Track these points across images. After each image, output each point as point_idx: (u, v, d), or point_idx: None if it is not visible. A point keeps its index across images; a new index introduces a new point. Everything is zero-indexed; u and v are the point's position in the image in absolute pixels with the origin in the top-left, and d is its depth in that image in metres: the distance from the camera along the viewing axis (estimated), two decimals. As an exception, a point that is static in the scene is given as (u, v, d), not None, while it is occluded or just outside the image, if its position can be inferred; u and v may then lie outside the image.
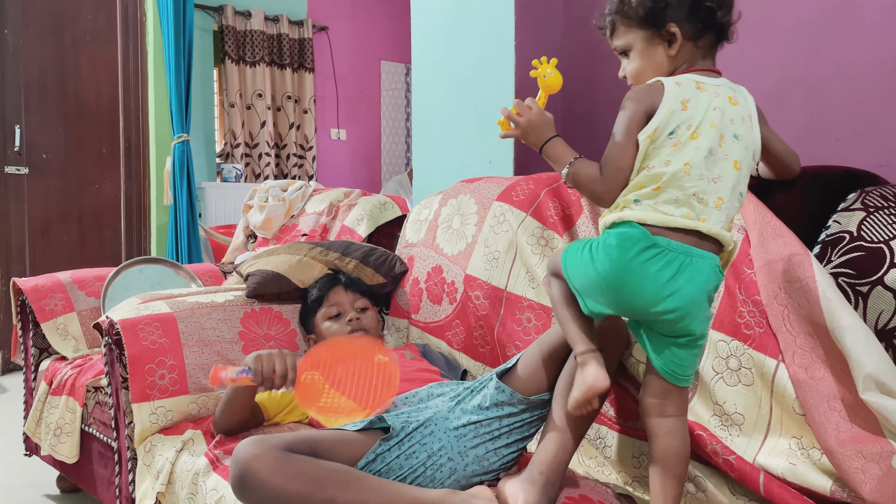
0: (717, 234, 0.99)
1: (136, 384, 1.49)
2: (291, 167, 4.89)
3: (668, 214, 0.99)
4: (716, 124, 1.00)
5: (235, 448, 1.06)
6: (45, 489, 2.29)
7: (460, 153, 2.15)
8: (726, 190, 1.00)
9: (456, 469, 1.16)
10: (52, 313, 2.15)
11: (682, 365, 1.03)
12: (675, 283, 0.97)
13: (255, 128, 4.71)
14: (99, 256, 4.05)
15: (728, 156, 1.01)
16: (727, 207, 1.00)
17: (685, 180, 0.99)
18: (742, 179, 1.03)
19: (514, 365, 1.27)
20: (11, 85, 3.81)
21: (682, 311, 0.98)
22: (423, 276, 1.80)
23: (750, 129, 1.04)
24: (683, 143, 1.00)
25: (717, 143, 1.00)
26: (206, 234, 3.65)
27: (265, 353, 1.26)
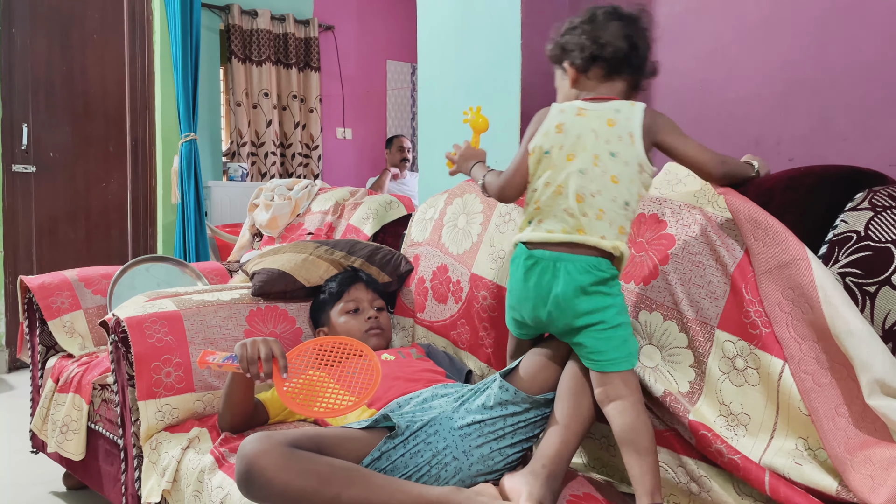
0: (594, 244, 1.15)
1: (142, 382, 1.50)
2: (297, 166, 4.90)
3: (548, 231, 1.18)
4: (587, 147, 1.16)
5: (241, 444, 1.06)
6: (51, 486, 2.29)
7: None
8: (606, 202, 1.15)
9: (461, 468, 1.16)
10: (59, 311, 2.16)
11: (595, 352, 1.15)
12: (551, 286, 1.16)
13: (262, 127, 4.72)
14: (106, 255, 4.07)
15: (606, 172, 1.15)
16: (609, 217, 1.15)
17: (559, 200, 1.17)
18: (624, 191, 1.16)
19: (518, 365, 1.27)
20: (19, 83, 3.83)
21: (559, 308, 1.16)
22: (428, 275, 1.80)
23: (629, 145, 1.16)
24: (560, 166, 1.18)
25: (591, 163, 1.16)
26: (212, 233, 3.66)
27: (250, 341, 1.28)
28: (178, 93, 3.63)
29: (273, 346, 1.28)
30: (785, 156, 1.83)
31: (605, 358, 1.15)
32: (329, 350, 1.32)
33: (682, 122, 1.22)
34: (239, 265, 2.54)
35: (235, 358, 1.28)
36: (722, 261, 1.20)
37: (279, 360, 1.26)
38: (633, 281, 1.34)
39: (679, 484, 1.17)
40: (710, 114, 1.99)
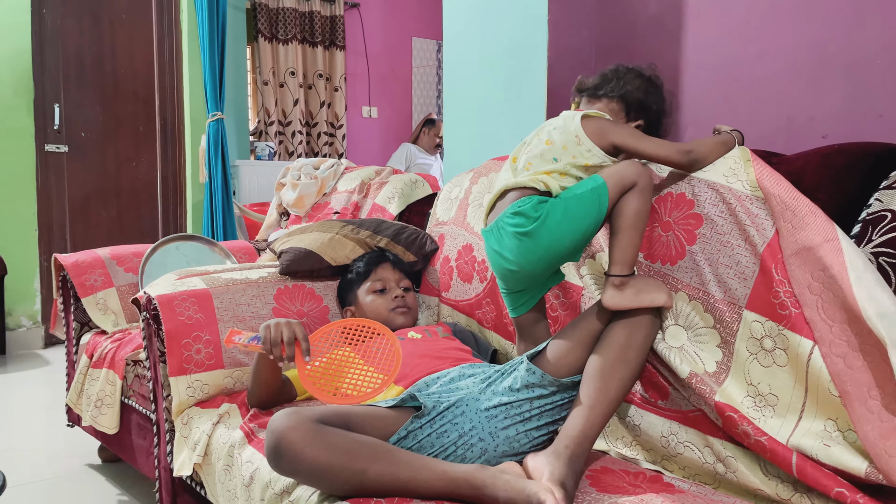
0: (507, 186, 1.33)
1: (173, 358, 1.53)
2: (322, 145, 4.91)
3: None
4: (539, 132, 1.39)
5: (270, 419, 1.08)
6: (86, 458, 2.36)
7: (492, 130, 2.13)
8: (535, 155, 1.35)
9: (487, 449, 1.17)
10: (93, 289, 2.21)
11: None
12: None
13: (288, 106, 4.74)
14: (137, 233, 4.14)
15: (543, 138, 1.36)
16: (538, 164, 1.34)
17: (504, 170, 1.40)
18: (558, 148, 1.33)
19: (545, 348, 1.27)
20: (51, 64, 3.88)
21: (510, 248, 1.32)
22: (453, 254, 1.80)
23: (567, 123, 1.35)
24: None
25: (534, 136, 1.39)
26: (240, 212, 3.70)
27: (273, 322, 1.29)
28: (206, 72, 3.65)
29: (296, 329, 1.28)
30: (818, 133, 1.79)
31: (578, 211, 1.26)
32: (351, 333, 1.33)
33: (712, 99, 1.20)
34: (266, 244, 2.57)
35: (260, 339, 1.29)
36: (751, 240, 1.19)
37: (301, 343, 1.27)
38: (660, 261, 1.33)
39: (705, 464, 1.17)
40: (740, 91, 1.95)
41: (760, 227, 1.18)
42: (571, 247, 1.28)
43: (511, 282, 1.36)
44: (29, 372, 3.49)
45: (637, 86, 1.44)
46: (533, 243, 1.26)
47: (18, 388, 3.25)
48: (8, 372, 3.48)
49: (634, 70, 1.46)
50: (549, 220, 1.25)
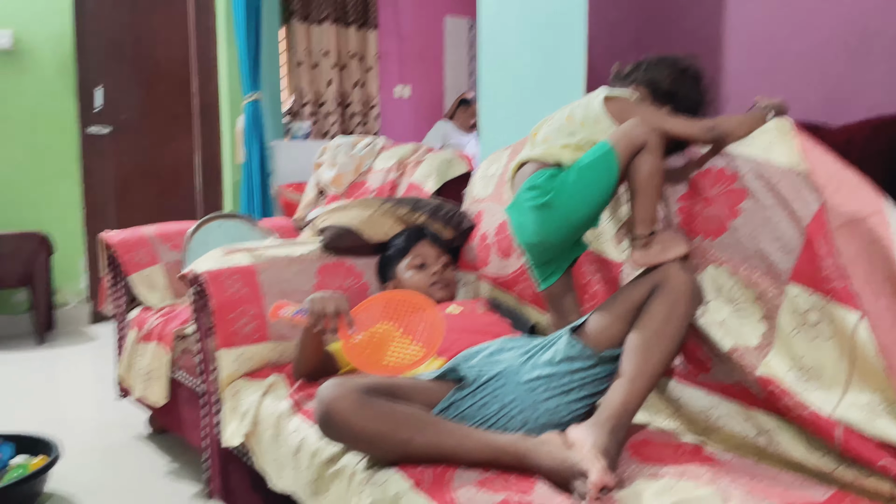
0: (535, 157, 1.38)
1: (220, 332, 1.58)
2: (355, 125, 4.94)
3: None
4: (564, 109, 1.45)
5: (319, 389, 1.11)
6: (136, 430, 2.45)
7: (528, 107, 2.13)
8: (557, 128, 1.41)
9: (527, 420, 1.19)
10: (139, 265, 2.28)
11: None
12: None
13: (322, 86, 4.77)
14: (176, 212, 4.22)
15: (566, 113, 1.42)
16: (556, 138, 1.39)
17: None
18: (578, 121, 1.39)
19: (586, 321, 1.28)
20: (92, 47, 3.96)
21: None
22: (491, 230, 1.82)
23: (591, 101, 1.41)
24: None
25: (559, 112, 1.45)
26: (276, 192, 3.75)
27: (318, 295, 1.32)
28: (241, 53, 3.69)
29: (340, 302, 1.32)
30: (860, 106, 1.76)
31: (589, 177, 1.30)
32: (393, 307, 1.36)
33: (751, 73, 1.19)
34: (306, 222, 2.61)
35: (305, 312, 1.33)
36: (795, 214, 1.18)
37: (345, 315, 1.31)
38: (701, 235, 1.34)
39: (747, 437, 1.18)
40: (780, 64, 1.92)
41: (804, 200, 1.17)
42: (588, 214, 1.34)
43: (536, 254, 1.41)
44: (77, 347, 3.61)
45: (666, 74, 1.44)
46: (550, 214, 1.33)
47: (67, 363, 3.36)
48: (57, 347, 3.60)
49: (668, 59, 1.46)
50: (562, 190, 1.31)
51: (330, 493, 1.18)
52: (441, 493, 1.01)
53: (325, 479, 1.19)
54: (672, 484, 1.00)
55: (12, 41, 3.70)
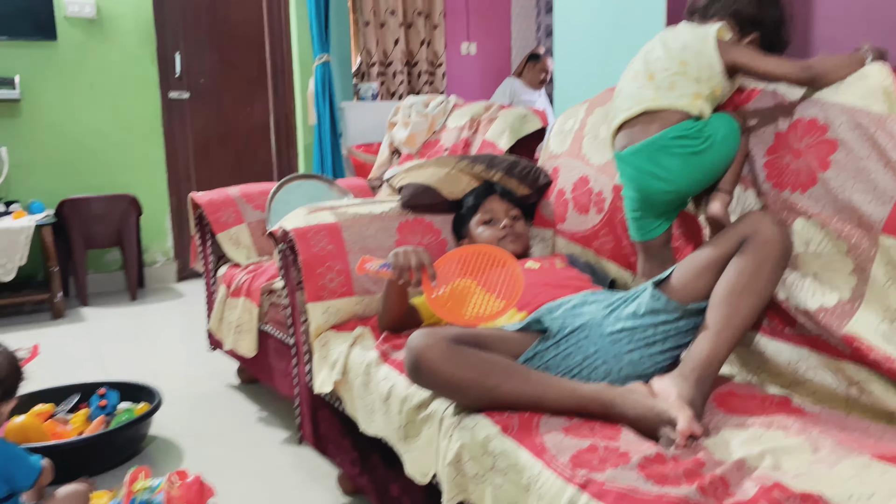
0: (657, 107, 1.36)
1: (309, 286, 1.65)
2: (422, 84, 4.94)
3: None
4: (661, 44, 1.41)
5: (409, 338, 1.17)
6: (226, 380, 2.59)
7: (605, 59, 2.10)
8: (678, 77, 1.36)
9: (610, 371, 1.22)
10: (226, 225, 2.39)
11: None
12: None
13: (389, 46, 4.78)
14: (252, 173, 4.37)
15: (677, 57, 1.37)
16: (682, 88, 1.36)
17: (628, 83, 1.44)
18: (694, 70, 1.36)
19: (670, 274, 1.29)
20: (170, 15, 4.08)
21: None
22: (568, 186, 1.82)
23: (704, 43, 1.36)
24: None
25: (662, 52, 1.40)
26: (347, 153, 3.82)
27: (402, 250, 1.37)
28: (311, 15, 3.74)
29: (422, 256, 1.36)
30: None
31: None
32: (474, 259, 1.40)
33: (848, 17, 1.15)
34: (382, 181, 2.67)
35: (389, 265, 1.38)
36: (893, 164, 1.15)
37: (428, 268, 1.36)
38: (790, 188, 1.31)
39: (837, 389, 1.17)
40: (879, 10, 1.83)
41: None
42: (720, 174, 1.37)
43: (655, 203, 1.40)
44: (165, 303, 3.82)
45: (746, 2, 1.40)
46: (700, 162, 1.34)
47: (159, 318, 3.57)
48: (148, 303, 3.82)
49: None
50: (714, 144, 1.33)
51: (420, 437, 1.24)
52: (529, 438, 1.05)
53: (416, 423, 1.25)
54: (760, 433, 1.02)
55: (96, 10, 3.85)
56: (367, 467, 1.54)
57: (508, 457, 1.03)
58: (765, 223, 1.23)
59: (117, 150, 4.00)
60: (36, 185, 3.81)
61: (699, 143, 1.32)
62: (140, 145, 4.06)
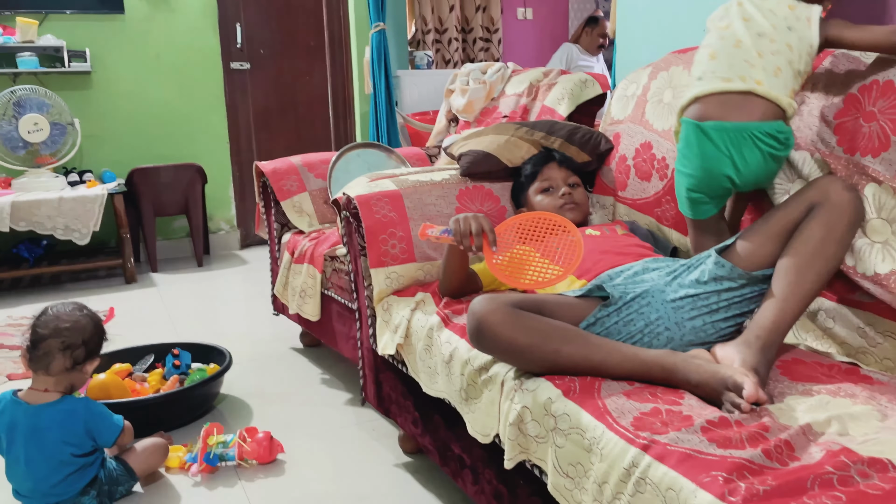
0: (765, 94, 1.29)
1: (372, 252, 1.69)
2: (478, 51, 4.90)
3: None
4: (763, 18, 1.33)
5: (472, 303, 1.19)
6: (290, 343, 2.69)
7: (670, 22, 2.05)
8: (783, 62, 1.30)
9: (673, 338, 1.21)
10: (289, 193, 2.45)
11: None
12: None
13: (444, 13, 4.75)
14: (312, 142, 4.44)
15: (782, 38, 1.30)
16: (785, 76, 1.31)
17: (731, 51, 1.34)
18: (796, 57, 1.31)
19: (735, 242, 1.27)
20: (230, -15, 4.15)
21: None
22: (630, 152, 1.81)
23: (806, 26, 1.30)
24: (730, 24, 1.36)
25: (768, 28, 1.32)
26: (402, 121, 3.84)
27: (462, 216, 1.39)
28: (367, -18, 3.74)
29: (483, 222, 1.38)
30: None
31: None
32: (533, 225, 1.41)
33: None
34: (439, 150, 2.68)
35: (450, 231, 1.41)
36: (976, 127, 1.10)
37: (488, 234, 1.37)
38: (860, 153, 1.27)
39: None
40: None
41: None
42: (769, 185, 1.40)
43: (714, 187, 1.34)
44: (230, 269, 3.95)
45: None
46: (772, 167, 1.32)
47: (224, 283, 3.70)
48: (213, 269, 3.96)
49: None
50: (786, 156, 1.33)
51: (482, 398, 1.27)
52: (591, 401, 1.06)
53: (477, 385, 1.28)
54: (827, 400, 1.01)
55: (160, -17, 3.95)
56: (428, 427, 1.59)
57: (570, 418, 1.05)
58: (835, 188, 1.20)
59: (183, 120, 4.12)
60: (107, 155, 3.97)
61: (782, 149, 1.30)
62: (204, 115, 4.17)
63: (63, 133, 3.63)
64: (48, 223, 3.40)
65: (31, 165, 3.61)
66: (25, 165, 3.59)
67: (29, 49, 3.63)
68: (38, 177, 3.57)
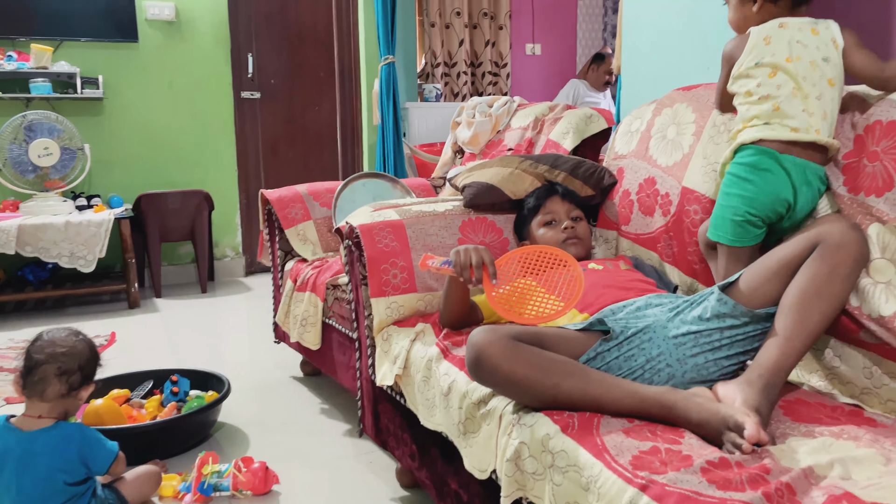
0: (825, 143, 1.32)
1: (373, 281, 1.69)
2: (486, 85, 4.96)
3: (792, 130, 1.32)
4: (800, 56, 1.32)
5: (471, 335, 1.18)
6: (290, 372, 2.67)
7: (675, 60, 2.07)
8: (829, 103, 1.31)
9: (674, 375, 1.20)
10: (294, 221, 2.45)
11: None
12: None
13: (454, 46, 4.82)
14: (319, 171, 4.47)
15: (823, 76, 1.31)
16: (830, 119, 1.32)
17: (795, 101, 1.32)
18: (837, 94, 1.33)
19: (738, 279, 1.26)
20: (243, 16, 4.22)
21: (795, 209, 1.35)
22: (634, 187, 1.80)
23: (836, 50, 1.33)
24: (783, 70, 1.33)
25: (809, 69, 1.32)
26: (410, 152, 3.87)
27: (463, 248, 1.39)
28: (378, 16, 3.80)
29: (483, 254, 1.38)
30: None
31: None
32: (534, 259, 1.40)
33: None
34: (444, 181, 2.69)
35: (451, 263, 1.40)
36: (979, 168, 1.10)
37: (489, 267, 1.37)
38: (864, 192, 1.27)
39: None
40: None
41: None
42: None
43: (772, 214, 1.35)
44: (234, 296, 3.95)
45: None
46: (813, 207, 1.36)
47: (227, 310, 3.69)
48: (217, 296, 3.96)
49: None
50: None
51: (480, 432, 1.25)
52: (589, 438, 1.05)
53: (476, 419, 1.26)
54: (829, 442, 0.99)
55: (175, 13, 4.02)
56: (425, 461, 1.57)
57: (568, 455, 1.03)
58: (839, 227, 1.19)
59: (192, 147, 4.16)
60: (116, 180, 4.00)
61: (822, 192, 1.35)
62: (213, 143, 4.21)
63: (73, 158, 3.67)
64: (53, 250, 3.41)
65: (39, 189, 3.64)
66: (34, 189, 3.62)
67: (42, 75, 3.69)
68: (45, 200, 3.60)
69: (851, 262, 1.18)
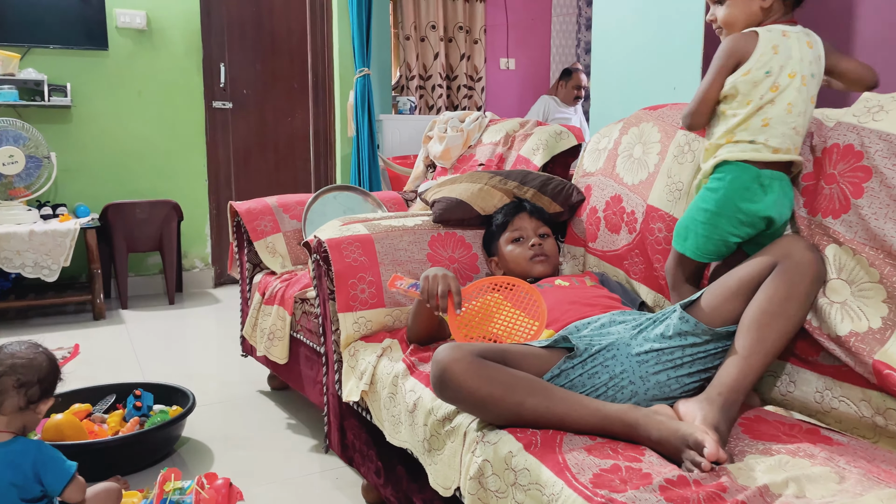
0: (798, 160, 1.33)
1: (341, 296, 1.68)
2: (461, 98, 4.99)
3: (774, 151, 1.30)
4: (798, 69, 1.29)
5: (436, 352, 1.18)
6: (257, 386, 2.64)
7: (642, 80, 2.11)
8: (805, 122, 1.32)
9: (637, 392, 1.21)
10: (263, 233, 2.44)
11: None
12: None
13: (429, 60, 4.84)
14: (292, 183, 4.45)
15: (809, 93, 1.31)
16: (803, 135, 1.33)
17: (788, 118, 1.29)
18: (811, 112, 1.34)
19: (700, 297, 1.28)
20: (216, 26, 4.19)
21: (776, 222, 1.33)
22: (601, 205, 1.83)
23: (820, 67, 1.33)
24: (783, 86, 1.29)
25: (801, 83, 1.29)
26: (384, 164, 3.87)
27: (431, 274, 1.40)
28: (353, 29, 3.80)
29: (451, 283, 1.39)
30: None
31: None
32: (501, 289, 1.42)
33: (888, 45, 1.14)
34: (416, 194, 2.70)
35: (419, 287, 1.41)
36: (930, 193, 1.13)
37: (454, 296, 1.38)
38: (821, 214, 1.30)
39: (863, 419, 1.16)
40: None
41: (941, 179, 1.12)
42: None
43: (759, 230, 1.34)
44: (202, 308, 3.90)
45: None
46: (786, 222, 1.36)
47: (195, 322, 3.64)
48: (185, 308, 3.90)
49: None
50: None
51: (444, 450, 1.25)
52: (551, 456, 1.05)
53: (440, 436, 1.26)
54: (786, 460, 1.00)
55: (146, 22, 3.98)
56: (391, 478, 1.56)
57: (530, 474, 1.04)
58: (798, 247, 1.22)
59: (162, 157, 4.12)
60: (82, 189, 3.93)
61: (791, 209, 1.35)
62: (183, 153, 4.17)
63: (38, 166, 3.61)
64: (17, 259, 3.34)
65: (4, 198, 3.56)
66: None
67: (9, 82, 3.63)
68: (9, 209, 3.53)
69: (809, 283, 1.20)
